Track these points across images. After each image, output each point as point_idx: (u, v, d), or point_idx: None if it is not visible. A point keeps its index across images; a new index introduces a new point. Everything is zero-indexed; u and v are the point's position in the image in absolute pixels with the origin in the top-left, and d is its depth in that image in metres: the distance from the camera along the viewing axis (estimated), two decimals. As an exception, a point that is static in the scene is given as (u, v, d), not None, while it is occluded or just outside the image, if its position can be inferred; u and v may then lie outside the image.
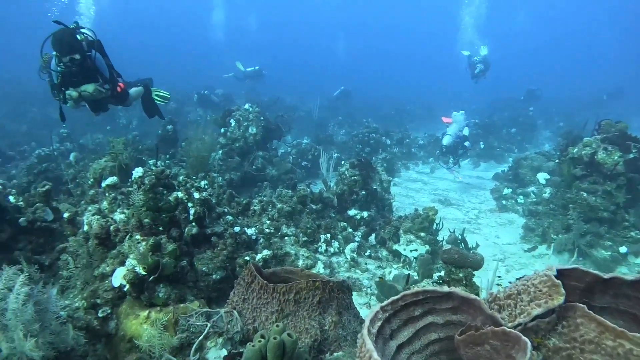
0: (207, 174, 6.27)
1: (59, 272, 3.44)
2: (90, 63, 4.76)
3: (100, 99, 4.99)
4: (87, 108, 5.19)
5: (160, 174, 3.67)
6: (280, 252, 4.50)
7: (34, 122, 14.18)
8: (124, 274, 2.65)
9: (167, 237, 2.93)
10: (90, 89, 4.74)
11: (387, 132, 13.38)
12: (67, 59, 4.47)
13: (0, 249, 3.57)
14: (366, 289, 4.61)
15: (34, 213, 3.92)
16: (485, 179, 10.65)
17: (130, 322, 2.60)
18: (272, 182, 7.71)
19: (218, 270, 3.62)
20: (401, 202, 8.40)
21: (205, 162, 6.86)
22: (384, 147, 12.39)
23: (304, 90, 25.28)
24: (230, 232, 3.97)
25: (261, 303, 2.45)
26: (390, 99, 24.30)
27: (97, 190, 4.39)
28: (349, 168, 6.61)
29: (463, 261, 2.99)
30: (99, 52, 4.89)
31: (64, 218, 4.03)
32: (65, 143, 9.93)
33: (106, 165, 4.91)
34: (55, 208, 4.17)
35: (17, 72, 16.88)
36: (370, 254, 5.47)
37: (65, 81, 4.69)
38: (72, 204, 5.20)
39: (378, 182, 6.75)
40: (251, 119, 8.33)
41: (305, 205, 5.68)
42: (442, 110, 13.97)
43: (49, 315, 2.11)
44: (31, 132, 13.02)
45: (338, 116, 18.28)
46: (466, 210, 8.18)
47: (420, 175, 11.35)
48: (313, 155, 10.03)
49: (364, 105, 21.94)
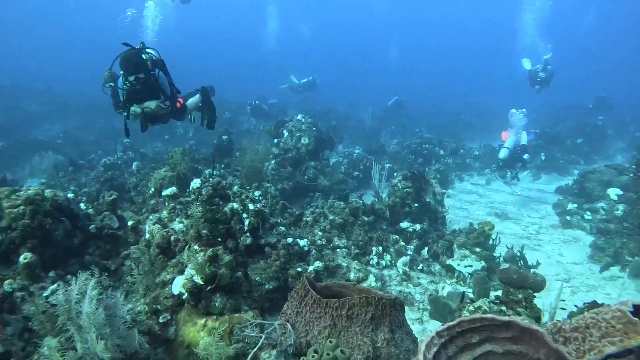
0: (261, 184, 6.44)
1: (123, 277, 3.69)
2: (153, 81, 5.04)
3: (160, 114, 5.28)
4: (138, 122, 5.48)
5: (217, 186, 3.84)
6: (332, 264, 4.52)
7: (100, 132, 15.26)
8: (183, 282, 2.79)
9: (223, 248, 3.04)
10: (152, 105, 5.03)
11: (440, 142, 13.07)
12: (132, 78, 4.78)
13: (73, 253, 3.82)
14: (418, 304, 4.52)
15: (102, 221, 4.19)
16: (546, 192, 10.06)
17: (188, 329, 2.73)
18: (323, 192, 7.76)
19: (271, 281, 3.69)
20: (455, 215, 8.15)
21: (259, 172, 7.05)
22: (437, 158, 12.10)
23: (355, 98, 25.27)
24: (283, 243, 4.05)
25: (314, 317, 2.47)
26: (444, 108, 23.68)
27: (158, 200, 4.65)
28: (402, 180, 6.52)
29: (522, 282, 2.84)
30: (161, 71, 5.20)
31: (128, 226, 4.26)
32: (128, 152, 10.62)
33: (165, 175, 5.20)
34: (120, 216, 4.45)
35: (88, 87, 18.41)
36: (422, 268, 5.35)
37: (130, 98, 5.00)
38: (134, 211, 5.54)
39: (431, 194, 6.60)
40: (304, 129, 8.47)
41: (357, 217, 5.68)
42: (498, 119, 13.29)
43: (117, 320, 2.27)
44: (98, 141, 14.03)
45: (390, 125, 18.09)
46: (525, 225, 7.76)
47: (475, 187, 10.94)
48: (365, 165, 9.99)
49: (417, 114, 21.54)
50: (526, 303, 2.77)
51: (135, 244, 3.92)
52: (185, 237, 3.12)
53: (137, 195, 6.53)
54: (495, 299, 2.94)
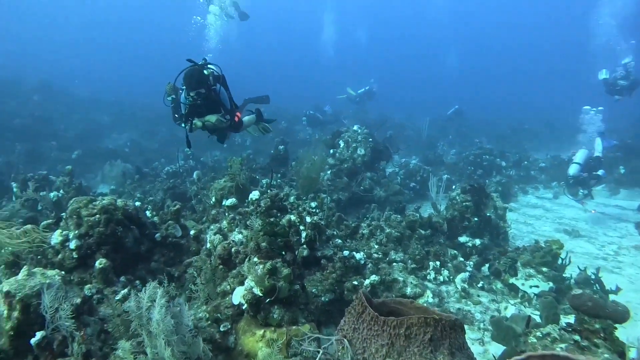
0: (317, 195, 6.51)
1: (186, 284, 3.86)
2: (214, 96, 5.25)
3: (220, 128, 5.50)
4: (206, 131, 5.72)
5: (275, 197, 3.95)
6: (388, 278, 4.46)
7: (163, 141, 16.14)
8: (243, 293, 2.88)
9: (282, 261, 3.11)
10: (213, 119, 5.24)
11: (502, 153, 12.49)
12: (193, 93, 5.02)
13: (140, 260, 4.04)
14: (478, 323, 4.32)
15: (167, 229, 4.40)
16: (627, 209, 9.19)
17: (247, 339, 2.80)
18: (379, 204, 7.69)
19: (327, 293, 3.71)
20: (518, 230, 7.72)
21: (315, 182, 7.13)
22: (498, 170, 11.56)
23: (412, 106, 24.81)
24: (340, 255, 4.06)
25: (371, 334, 2.45)
26: (507, 117, 22.61)
27: (218, 210, 4.85)
28: (460, 193, 6.31)
29: (599, 311, 2.60)
30: (222, 86, 5.43)
31: (191, 235, 4.45)
32: (189, 161, 11.16)
33: (225, 185, 5.41)
34: (183, 225, 4.67)
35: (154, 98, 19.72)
36: (483, 286, 5.11)
37: (191, 112, 5.23)
38: (196, 220, 5.80)
39: (492, 208, 6.32)
40: (360, 140, 8.47)
41: (414, 230, 5.56)
42: (568, 127, 12.16)
43: (182, 328, 2.39)
44: (161, 149, 14.85)
45: (448, 135, 17.58)
46: (601, 244, 7.13)
47: (541, 200, 10.29)
48: (422, 176, 9.77)
49: (477, 122, 20.74)
50: (605, 335, 2.50)
51: (197, 253, 4.10)
52: (245, 249, 3.23)
53: (198, 204, 6.84)
54: (567, 326, 2.73)
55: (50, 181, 7.69)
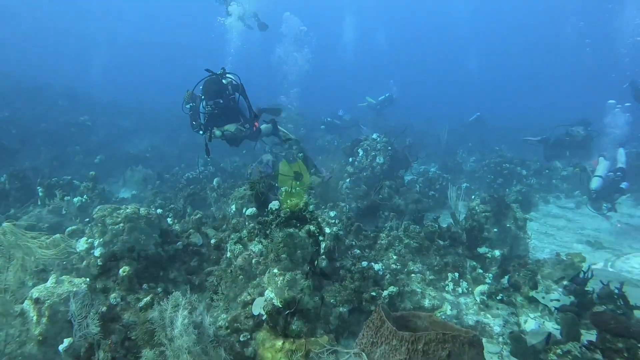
0: (336, 204, 6.56)
1: (206, 292, 3.94)
2: (233, 105, 5.37)
3: (239, 137, 5.59)
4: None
5: (294, 208, 4.01)
6: (407, 289, 4.47)
7: (183, 146, 16.34)
8: (263, 304, 2.94)
9: (301, 273, 3.17)
10: (232, 128, 5.33)
11: (522, 161, 12.28)
12: (212, 103, 5.13)
13: (162, 267, 4.13)
14: (497, 337, 4.28)
15: (188, 238, 4.50)
16: (654, 220, 8.93)
17: (266, 349, 2.86)
18: (398, 212, 7.68)
19: (345, 304, 3.74)
20: (539, 241, 7.61)
21: (334, 191, 7.18)
22: (518, 179, 11.38)
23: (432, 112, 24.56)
24: (358, 267, 4.10)
25: (389, 349, 2.48)
26: (528, 124, 22.13)
27: (239, 220, 4.94)
28: (480, 203, 6.26)
29: (622, 331, 2.58)
30: (241, 95, 5.53)
31: (211, 243, 4.54)
32: (208, 167, 11.31)
33: (245, 193, 5.49)
34: (204, 233, 4.77)
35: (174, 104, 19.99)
36: (502, 298, 5.05)
37: (210, 120, 5.34)
38: (215, 227, 5.93)
39: (512, 219, 6.25)
40: (379, 148, 8.49)
41: (433, 241, 5.55)
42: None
43: (204, 338, 2.47)
44: (181, 154, 15.03)
45: (468, 142, 17.37)
46: (626, 257, 6.98)
47: (562, 210, 10.09)
48: (441, 184, 9.72)
49: (497, 130, 20.40)
50: (629, 354, 2.46)
51: (217, 262, 4.19)
52: (265, 260, 3.30)
53: (217, 210, 6.96)
54: (589, 344, 2.71)
55: (74, 186, 7.92)
